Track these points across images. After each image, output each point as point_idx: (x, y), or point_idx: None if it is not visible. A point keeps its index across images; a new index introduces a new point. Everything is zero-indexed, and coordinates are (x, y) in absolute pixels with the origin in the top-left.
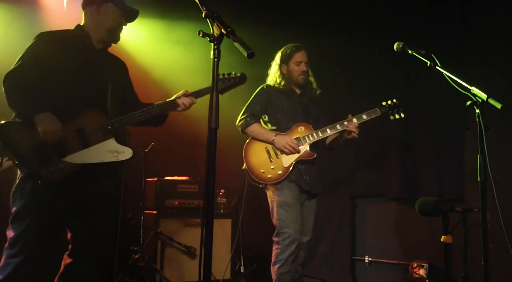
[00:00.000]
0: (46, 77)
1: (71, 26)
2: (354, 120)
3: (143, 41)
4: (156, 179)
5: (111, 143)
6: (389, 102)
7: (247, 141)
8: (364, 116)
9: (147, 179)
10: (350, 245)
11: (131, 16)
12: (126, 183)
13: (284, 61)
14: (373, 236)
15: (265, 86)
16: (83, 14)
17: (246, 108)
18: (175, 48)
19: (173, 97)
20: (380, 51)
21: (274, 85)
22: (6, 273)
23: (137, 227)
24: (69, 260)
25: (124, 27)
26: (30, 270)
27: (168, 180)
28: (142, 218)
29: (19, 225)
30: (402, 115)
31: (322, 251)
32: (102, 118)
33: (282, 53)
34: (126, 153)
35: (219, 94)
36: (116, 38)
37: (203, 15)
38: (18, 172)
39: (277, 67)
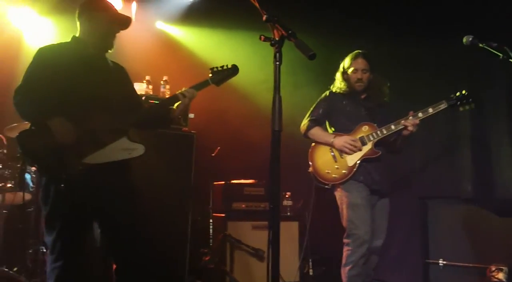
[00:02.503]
0: (50, 86)
1: (139, 36)
2: (420, 114)
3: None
4: (223, 182)
5: (124, 141)
6: (457, 94)
7: (312, 144)
8: (430, 110)
9: (215, 183)
10: (423, 248)
11: (123, 23)
12: (194, 186)
13: (345, 68)
14: (447, 238)
15: (328, 93)
16: (78, 25)
17: (309, 113)
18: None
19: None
20: (445, 46)
21: (337, 91)
22: (54, 278)
23: (206, 230)
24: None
25: (117, 34)
26: (75, 271)
27: (234, 183)
28: (211, 221)
29: (52, 230)
30: (472, 106)
31: (392, 254)
32: (111, 119)
33: (345, 60)
34: (138, 150)
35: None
36: (109, 45)
37: (263, 19)
38: (42, 180)
39: (339, 73)
